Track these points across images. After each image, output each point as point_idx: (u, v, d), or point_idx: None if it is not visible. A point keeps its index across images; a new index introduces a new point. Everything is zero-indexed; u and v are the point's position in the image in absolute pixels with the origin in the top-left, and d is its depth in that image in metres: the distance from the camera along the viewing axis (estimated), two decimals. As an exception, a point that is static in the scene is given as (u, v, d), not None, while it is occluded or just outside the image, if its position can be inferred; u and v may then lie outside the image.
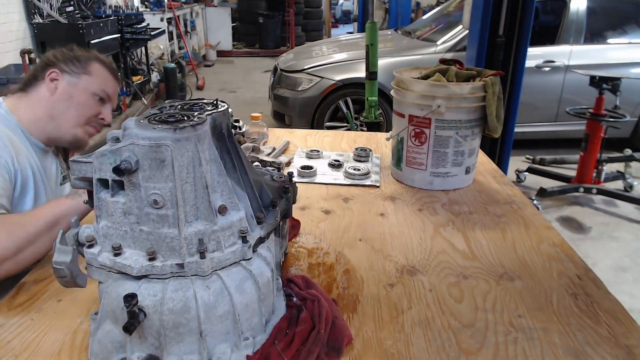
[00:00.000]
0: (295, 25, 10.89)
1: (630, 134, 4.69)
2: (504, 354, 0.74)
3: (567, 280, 0.94)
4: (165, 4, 7.89)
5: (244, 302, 0.69)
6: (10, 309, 0.84)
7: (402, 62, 4.37)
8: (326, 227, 1.15)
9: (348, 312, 0.84)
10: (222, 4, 10.84)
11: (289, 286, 0.86)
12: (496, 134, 1.33)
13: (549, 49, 4.47)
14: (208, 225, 0.66)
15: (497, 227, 1.16)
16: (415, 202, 1.30)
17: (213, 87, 7.59)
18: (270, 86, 5.08)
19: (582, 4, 4.52)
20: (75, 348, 0.75)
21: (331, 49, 5.19)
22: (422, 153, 1.35)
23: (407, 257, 1.02)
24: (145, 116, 0.69)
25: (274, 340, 0.72)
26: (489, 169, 1.54)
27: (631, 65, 4.42)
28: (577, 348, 0.76)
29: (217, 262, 0.67)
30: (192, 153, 0.65)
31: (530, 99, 4.31)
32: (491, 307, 0.86)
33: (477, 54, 2.82)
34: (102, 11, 5.56)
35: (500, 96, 1.32)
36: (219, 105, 0.75)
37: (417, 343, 0.77)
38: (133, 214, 0.65)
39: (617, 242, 3.22)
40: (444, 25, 4.98)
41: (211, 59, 9.95)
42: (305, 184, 1.40)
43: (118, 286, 0.65)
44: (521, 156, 4.50)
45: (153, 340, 0.66)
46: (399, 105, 1.39)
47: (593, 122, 3.52)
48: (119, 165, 0.61)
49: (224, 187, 0.69)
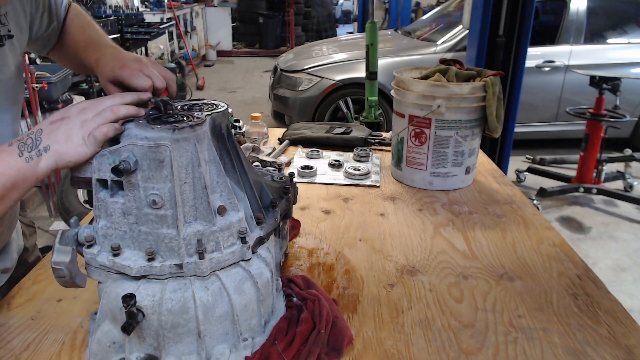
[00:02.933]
0: (295, 25, 10.89)
1: (630, 134, 4.69)
2: (504, 354, 0.74)
3: (567, 280, 0.94)
4: (165, 4, 7.89)
5: (243, 303, 0.69)
6: (10, 309, 0.84)
7: (402, 62, 4.37)
8: (326, 227, 1.15)
9: (348, 312, 0.84)
10: (222, 4, 10.84)
11: (289, 286, 0.86)
12: (496, 134, 1.33)
13: (549, 49, 4.48)
14: (207, 225, 0.66)
15: (497, 227, 1.16)
16: (415, 202, 1.30)
17: (213, 87, 7.60)
18: (270, 86, 5.09)
19: (582, 4, 4.53)
20: (75, 348, 0.75)
21: (331, 49, 5.20)
22: (422, 153, 1.35)
23: (407, 257, 1.02)
24: (145, 116, 0.69)
25: (274, 340, 0.72)
26: (489, 169, 1.54)
27: (631, 65, 4.42)
28: (577, 348, 0.76)
29: (216, 262, 0.67)
30: (191, 153, 0.65)
31: (530, 99, 4.31)
32: (491, 307, 0.85)
33: (477, 54, 2.82)
34: (102, 11, 5.56)
35: (500, 96, 1.32)
36: (219, 105, 0.75)
37: (417, 343, 0.77)
38: (132, 214, 0.65)
39: (617, 242, 3.22)
40: (444, 25, 4.99)
41: (211, 59, 9.96)
42: (305, 184, 1.40)
43: (117, 286, 0.65)
44: (521, 156, 4.50)
45: (152, 340, 0.66)
46: (399, 105, 1.39)
47: (593, 122, 3.52)
48: (117, 165, 0.61)
49: (223, 188, 0.69)
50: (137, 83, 0.80)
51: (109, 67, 0.84)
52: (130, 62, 0.83)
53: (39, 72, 3.12)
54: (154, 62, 0.86)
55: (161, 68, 0.85)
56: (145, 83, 0.80)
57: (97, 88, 4.01)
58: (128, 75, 0.81)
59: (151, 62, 0.85)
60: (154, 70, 0.83)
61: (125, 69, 0.82)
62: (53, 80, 3.13)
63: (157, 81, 0.81)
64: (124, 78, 0.81)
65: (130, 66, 0.82)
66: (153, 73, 0.82)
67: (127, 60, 0.84)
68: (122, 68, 0.82)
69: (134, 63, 0.83)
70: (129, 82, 0.81)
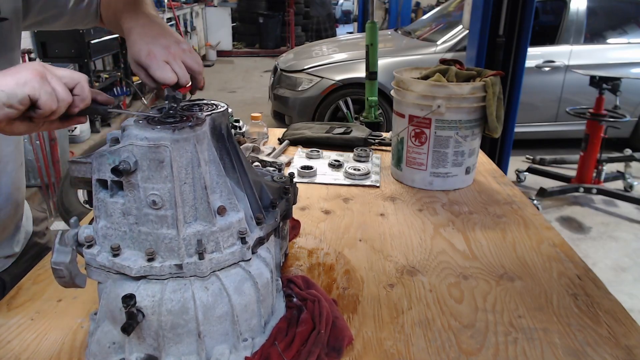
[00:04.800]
0: (295, 25, 10.89)
1: (630, 134, 4.70)
2: (504, 354, 0.74)
3: (567, 281, 0.94)
4: (165, 4, 7.89)
5: (243, 303, 0.68)
6: (10, 309, 0.84)
7: (402, 62, 4.37)
8: (326, 228, 1.15)
9: (348, 312, 0.84)
10: (222, 4, 10.85)
11: (289, 286, 0.85)
12: (496, 134, 1.33)
13: (549, 49, 4.48)
14: (207, 226, 0.66)
15: (497, 227, 1.15)
16: (415, 202, 1.30)
17: (213, 87, 7.60)
18: (270, 86, 5.09)
19: (582, 4, 4.53)
20: (75, 348, 0.75)
21: (331, 49, 5.20)
22: (422, 153, 1.35)
23: (407, 258, 1.02)
24: (145, 116, 0.69)
25: (274, 340, 0.72)
26: (489, 169, 1.54)
27: (631, 65, 4.42)
28: (577, 348, 0.76)
29: (216, 263, 0.67)
30: (191, 154, 0.65)
31: (530, 99, 4.31)
32: (491, 308, 0.85)
33: (477, 54, 2.82)
34: (102, 11, 5.55)
35: (500, 96, 1.32)
36: (219, 105, 0.75)
37: (417, 343, 0.77)
38: (132, 214, 0.65)
39: (617, 242, 3.22)
40: (444, 25, 4.99)
41: (211, 59, 9.96)
42: (305, 184, 1.40)
43: (117, 287, 0.65)
44: (521, 156, 4.50)
45: (151, 341, 0.66)
46: (399, 105, 1.39)
47: (593, 122, 3.52)
48: (117, 165, 0.61)
49: (223, 188, 0.69)
50: (160, 76, 0.76)
51: (137, 49, 0.79)
52: (159, 49, 0.78)
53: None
54: (184, 50, 0.81)
55: (191, 58, 0.80)
56: (169, 79, 0.76)
57: (98, 87, 4.01)
58: (154, 67, 0.76)
59: (181, 51, 0.80)
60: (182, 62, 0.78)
61: (152, 57, 0.77)
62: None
63: (182, 78, 0.77)
64: (148, 67, 0.77)
65: (157, 55, 0.77)
66: (180, 67, 0.77)
67: (155, 47, 0.78)
68: (148, 56, 0.77)
69: (162, 51, 0.78)
70: (153, 74, 0.77)
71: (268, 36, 10.91)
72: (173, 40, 0.81)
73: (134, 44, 0.81)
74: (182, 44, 0.82)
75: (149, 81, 0.79)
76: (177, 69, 0.77)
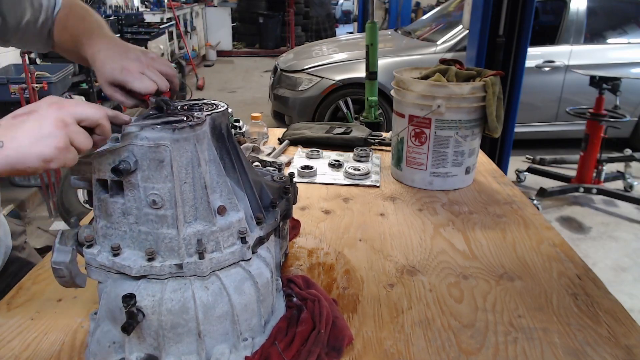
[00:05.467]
0: (295, 25, 10.89)
1: (630, 134, 4.69)
2: (504, 354, 0.74)
3: (567, 280, 0.94)
4: (165, 4, 7.89)
5: (243, 303, 0.69)
6: (10, 309, 0.84)
7: (402, 62, 4.37)
8: (326, 227, 1.15)
9: (348, 312, 0.84)
10: (222, 4, 10.84)
11: (289, 286, 0.85)
12: (496, 134, 1.33)
13: (549, 49, 4.48)
14: (207, 225, 0.66)
15: (497, 227, 1.15)
16: (415, 202, 1.30)
17: (213, 87, 7.60)
18: (270, 86, 5.08)
19: (582, 4, 4.53)
20: (75, 348, 0.75)
21: (331, 49, 5.19)
22: (422, 153, 1.35)
23: (407, 257, 1.02)
24: (145, 116, 0.69)
25: (274, 340, 0.72)
26: (489, 169, 1.54)
27: (631, 65, 4.42)
28: (577, 348, 0.76)
29: (216, 262, 0.67)
30: (191, 153, 0.65)
31: (530, 99, 4.31)
32: (491, 307, 0.85)
33: (477, 54, 2.82)
34: (102, 11, 5.57)
35: (500, 96, 1.32)
36: (219, 105, 0.75)
37: (417, 343, 0.77)
38: (132, 214, 0.65)
39: (617, 242, 3.22)
40: (444, 25, 4.99)
41: (211, 59, 9.95)
42: (305, 184, 1.40)
43: (117, 286, 0.65)
44: (521, 156, 4.50)
45: (152, 340, 0.66)
46: (399, 105, 1.39)
47: (593, 122, 3.52)
48: (117, 165, 0.61)
49: (223, 188, 0.69)
50: (140, 87, 0.77)
51: (109, 69, 0.79)
52: (131, 63, 0.79)
53: (39, 72, 3.12)
54: (153, 58, 0.82)
55: (162, 64, 0.81)
56: (149, 88, 0.76)
57: (97, 88, 4.01)
58: (131, 80, 0.77)
59: (151, 59, 0.81)
60: (156, 70, 0.80)
61: (127, 72, 0.78)
62: (53, 80, 3.13)
63: (161, 84, 0.78)
64: (126, 82, 0.78)
65: (131, 69, 0.78)
66: (156, 74, 0.79)
67: (127, 62, 0.80)
68: (123, 71, 0.78)
69: (134, 64, 0.79)
70: (132, 87, 0.77)
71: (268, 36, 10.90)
72: (140, 52, 0.82)
73: (103, 66, 0.81)
74: (150, 53, 0.84)
75: (127, 99, 0.80)
76: (154, 77, 0.78)
